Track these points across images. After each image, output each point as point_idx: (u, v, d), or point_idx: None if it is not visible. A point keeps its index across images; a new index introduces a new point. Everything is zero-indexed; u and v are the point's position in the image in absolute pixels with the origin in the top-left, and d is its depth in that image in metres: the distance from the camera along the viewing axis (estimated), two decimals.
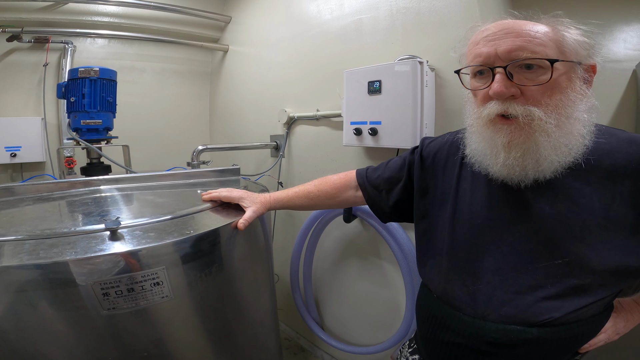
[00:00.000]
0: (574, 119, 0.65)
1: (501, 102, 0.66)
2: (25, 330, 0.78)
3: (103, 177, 1.30)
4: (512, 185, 0.71)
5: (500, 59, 0.65)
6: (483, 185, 0.77)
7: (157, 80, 2.63)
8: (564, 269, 0.66)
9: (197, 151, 1.75)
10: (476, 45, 0.69)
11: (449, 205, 0.81)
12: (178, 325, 0.97)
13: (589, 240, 0.65)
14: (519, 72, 0.65)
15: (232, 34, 2.60)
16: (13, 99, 2.12)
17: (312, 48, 1.89)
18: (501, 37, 0.65)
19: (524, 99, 0.65)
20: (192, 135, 2.82)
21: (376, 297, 1.74)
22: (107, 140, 1.64)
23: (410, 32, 1.43)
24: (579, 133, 0.66)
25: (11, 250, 0.77)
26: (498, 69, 0.65)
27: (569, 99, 0.65)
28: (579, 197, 0.67)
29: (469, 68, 0.72)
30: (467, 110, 0.78)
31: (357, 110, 1.45)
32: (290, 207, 1.11)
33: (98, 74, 1.53)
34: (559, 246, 0.66)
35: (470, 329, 0.73)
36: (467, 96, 0.78)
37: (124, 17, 2.37)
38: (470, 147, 0.76)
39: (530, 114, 0.64)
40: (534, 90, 0.64)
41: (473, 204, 0.77)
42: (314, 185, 1.08)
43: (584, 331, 0.70)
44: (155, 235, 0.88)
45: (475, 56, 0.69)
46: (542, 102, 0.64)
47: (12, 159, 2.01)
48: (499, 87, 0.64)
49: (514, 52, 0.63)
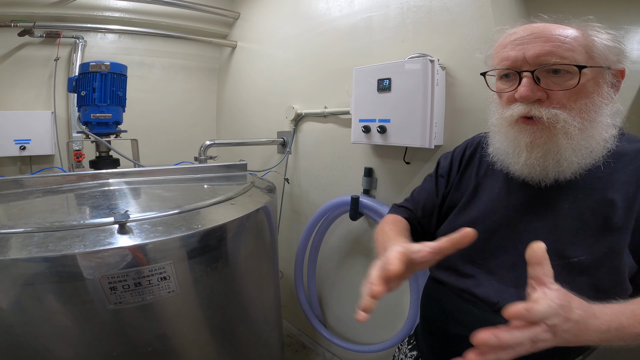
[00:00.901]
0: (598, 122, 0.66)
1: (526, 105, 0.67)
2: (31, 325, 0.78)
3: (112, 171, 1.31)
4: (533, 184, 0.72)
5: (527, 63, 0.66)
6: (502, 184, 0.78)
7: (166, 76, 2.64)
8: (579, 267, 0.66)
9: (205, 146, 1.75)
10: (504, 49, 0.70)
11: (467, 202, 0.83)
12: (183, 321, 0.98)
13: (606, 241, 0.65)
14: (546, 77, 0.65)
15: (241, 30, 2.60)
16: (24, 93, 2.14)
17: (321, 45, 1.88)
18: (530, 41, 0.66)
19: (549, 102, 0.66)
20: (199, 131, 2.82)
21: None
22: (117, 134, 1.65)
23: (421, 30, 1.41)
24: (601, 137, 0.67)
25: (20, 242, 0.77)
26: (525, 73, 0.66)
27: (594, 104, 0.66)
28: (597, 197, 0.67)
29: (496, 70, 0.73)
30: (491, 110, 0.79)
31: (366, 108, 1.44)
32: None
33: (109, 68, 1.54)
34: (575, 245, 0.67)
35: (481, 322, 0.72)
36: (492, 97, 0.79)
37: (134, 13, 2.38)
38: (494, 146, 0.78)
39: (555, 116, 0.65)
40: (560, 94, 0.65)
41: (491, 200, 0.78)
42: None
43: None
44: (164, 229, 0.88)
45: (502, 59, 0.70)
46: (567, 106, 0.65)
47: (22, 151, 2.03)
48: (525, 91, 0.65)
49: (542, 56, 0.64)
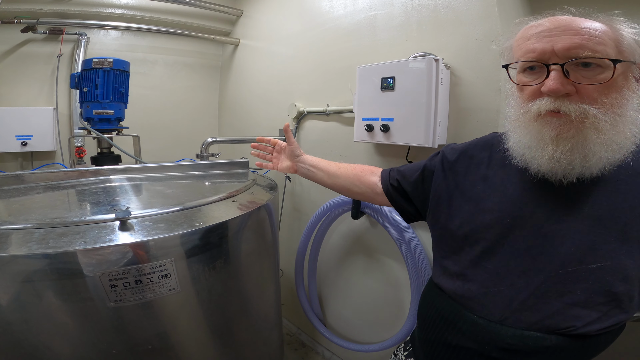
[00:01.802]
0: (627, 117, 0.64)
1: (554, 99, 0.64)
2: (30, 322, 0.77)
3: (113, 167, 1.31)
4: (555, 182, 0.68)
5: (557, 55, 0.63)
6: (515, 184, 0.74)
7: (168, 73, 2.64)
8: (597, 274, 0.63)
9: (206, 143, 1.75)
10: (527, 41, 0.67)
11: (471, 205, 0.79)
12: (183, 318, 0.97)
13: (627, 247, 0.63)
14: (575, 70, 0.63)
15: (244, 28, 2.59)
16: (26, 89, 2.14)
17: (324, 43, 1.87)
18: (558, 33, 0.63)
19: (578, 97, 0.63)
20: (201, 128, 2.83)
21: (380, 295, 1.73)
22: (118, 130, 1.65)
23: (426, 29, 1.40)
24: (630, 132, 0.64)
25: (20, 238, 0.77)
26: (554, 66, 0.63)
27: (624, 98, 0.64)
28: (621, 200, 0.65)
29: (518, 63, 0.70)
30: (509, 104, 0.76)
31: (369, 107, 1.43)
32: (315, 168, 1.12)
33: (112, 64, 1.54)
34: (595, 250, 0.64)
35: (484, 333, 0.70)
36: (510, 90, 0.76)
37: (137, 9, 2.37)
38: (514, 140, 0.73)
39: (585, 112, 0.62)
40: (590, 89, 0.62)
41: (501, 202, 0.74)
42: (343, 163, 1.11)
43: (602, 340, 0.67)
44: (165, 226, 0.87)
45: (527, 51, 0.67)
46: (598, 101, 0.62)
47: (23, 147, 2.03)
48: (554, 84, 0.62)
49: (573, 49, 0.61)
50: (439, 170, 0.88)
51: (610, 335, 0.68)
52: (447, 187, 0.85)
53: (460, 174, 0.84)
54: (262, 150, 1.25)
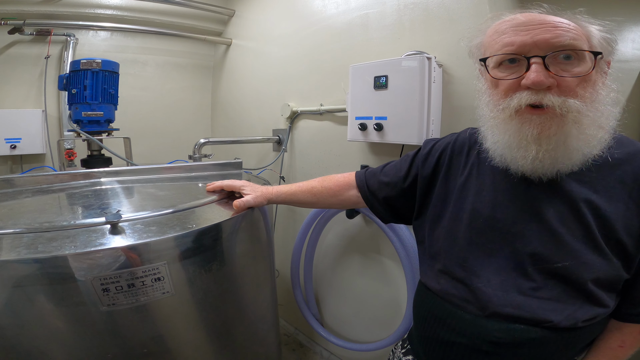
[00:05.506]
0: (603, 112, 0.65)
1: (535, 93, 0.63)
2: (23, 327, 0.76)
3: (104, 170, 1.29)
4: (534, 179, 0.69)
5: (537, 47, 0.62)
6: (489, 184, 0.75)
7: (160, 74, 2.61)
8: (563, 272, 0.65)
9: (199, 144, 1.73)
10: (502, 35, 0.66)
11: (452, 205, 0.80)
12: (178, 322, 0.96)
13: (592, 246, 0.64)
14: (554, 64, 0.63)
15: (236, 28, 2.57)
16: (14, 91, 2.10)
17: (317, 43, 1.86)
18: (536, 26, 0.63)
19: (559, 90, 0.63)
20: (193, 129, 2.80)
21: (377, 294, 1.73)
22: (108, 132, 1.62)
23: (418, 27, 1.40)
24: (608, 125, 0.65)
25: (9, 243, 0.75)
26: (535, 59, 0.62)
27: (599, 92, 0.64)
28: (588, 201, 0.66)
29: (493, 58, 0.69)
30: (482, 102, 0.74)
31: (363, 106, 1.43)
32: (292, 201, 1.09)
33: (100, 65, 1.51)
34: (561, 249, 0.65)
35: (472, 328, 0.72)
36: (482, 88, 0.75)
37: (126, 10, 2.34)
38: (492, 140, 0.72)
39: (567, 105, 0.62)
40: (571, 81, 0.62)
41: (477, 202, 0.76)
42: (317, 182, 1.07)
43: (587, 331, 0.69)
44: (157, 229, 0.86)
45: (504, 45, 0.66)
46: (578, 94, 0.62)
47: (12, 150, 2.00)
48: (537, 76, 0.61)
49: (556, 41, 0.61)
50: (423, 177, 0.89)
51: (594, 327, 0.69)
52: (426, 188, 0.88)
53: (439, 178, 0.86)
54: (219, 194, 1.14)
